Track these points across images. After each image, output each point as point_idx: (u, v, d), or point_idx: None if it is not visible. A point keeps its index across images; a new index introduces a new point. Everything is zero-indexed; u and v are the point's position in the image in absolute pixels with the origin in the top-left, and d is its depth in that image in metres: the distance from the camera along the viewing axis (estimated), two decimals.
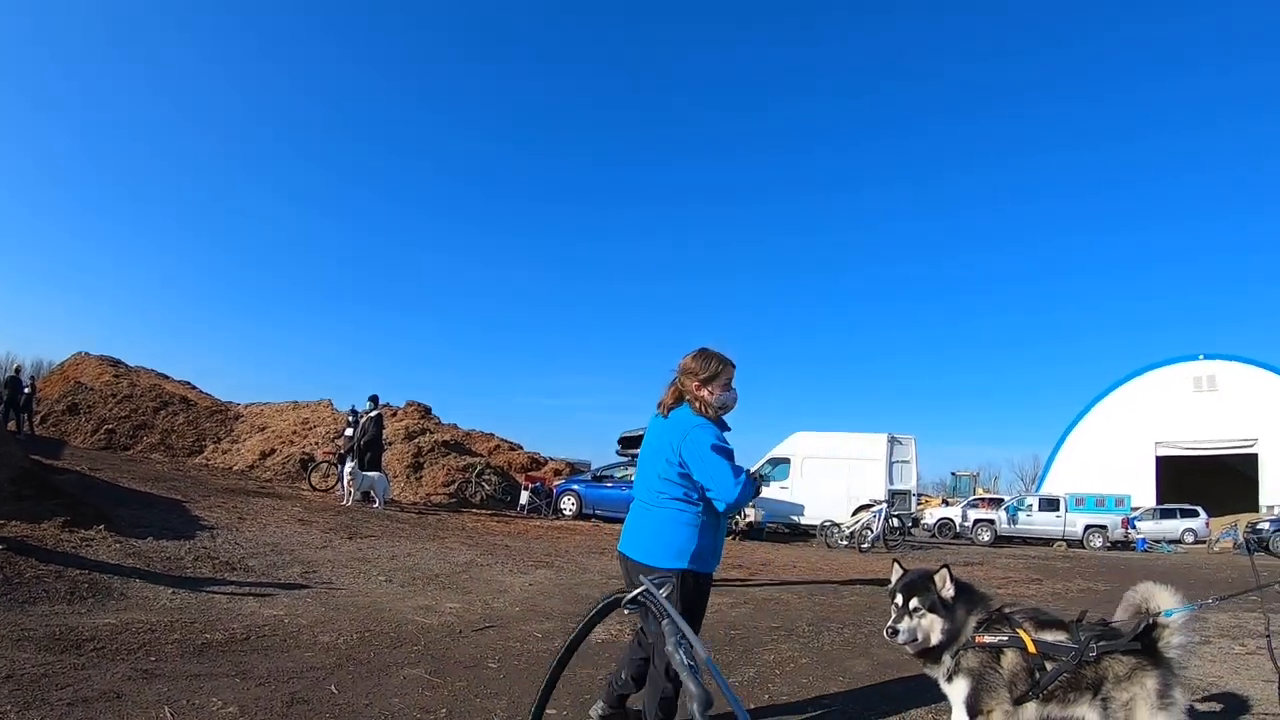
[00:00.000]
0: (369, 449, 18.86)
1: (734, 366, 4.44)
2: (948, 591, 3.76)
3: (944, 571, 3.81)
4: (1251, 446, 46.37)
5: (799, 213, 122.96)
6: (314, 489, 20.11)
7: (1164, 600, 3.69)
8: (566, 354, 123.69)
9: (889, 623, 3.77)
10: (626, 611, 2.75)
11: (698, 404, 4.32)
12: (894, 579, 3.97)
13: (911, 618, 3.74)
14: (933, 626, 3.73)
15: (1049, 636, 3.68)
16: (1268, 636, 4.29)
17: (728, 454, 4.18)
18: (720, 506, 4.19)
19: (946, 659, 3.74)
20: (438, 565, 10.70)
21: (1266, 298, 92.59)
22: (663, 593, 2.14)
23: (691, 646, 1.92)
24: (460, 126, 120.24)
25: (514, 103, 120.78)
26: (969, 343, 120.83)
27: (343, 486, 18.29)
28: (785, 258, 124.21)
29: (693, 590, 4.23)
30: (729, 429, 4.47)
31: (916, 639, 3.73)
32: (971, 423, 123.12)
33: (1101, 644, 3.56)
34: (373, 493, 18.21)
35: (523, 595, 9.13)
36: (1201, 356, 49.58)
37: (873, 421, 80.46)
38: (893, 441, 27.60)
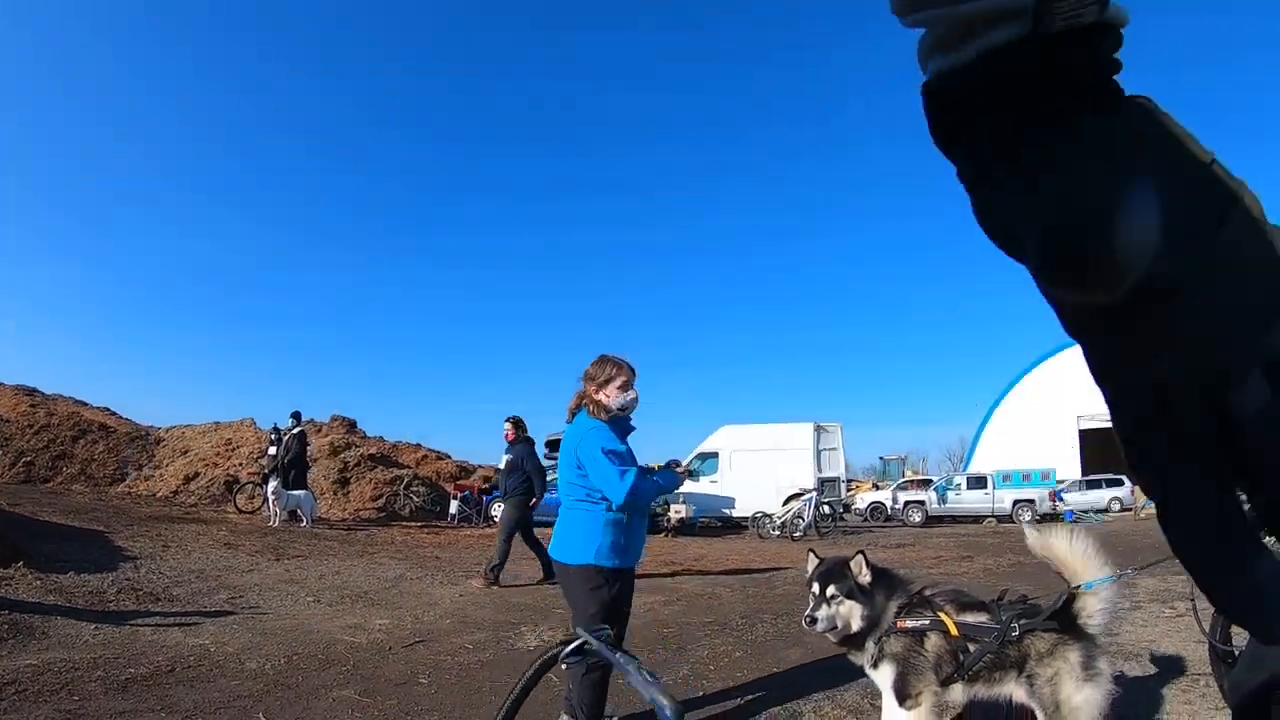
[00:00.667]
0: (293, 467, 18.51)
1: (630, 370, 4.61)
2: (865, 577, 3.77)
3: (859, 557, 3.83)
4: None
5: (715, 203, 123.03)
6: (240, 511, 19.74)
7: (1083, 571, 3.66)
8: (491, 359, 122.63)
9: (807, 611, 3.78)
10: (564, 667, 3.00)
11: (593, 407, 4.55)
12: (810, 568, 3.99)
13: (829, 605, 3.75)
14: (852, 613, 3.74)
15: (971, 618, 3.71)
16: (1193, 600, 4.39)
17: (618, 455, 4.35)
18: (614, 505, 4.36)
19: (870, 646, 3.75)
20: (366, 582, 10.64)
21: None
22: (600, 639, 2.13)
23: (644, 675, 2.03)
24: (379, 125, 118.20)
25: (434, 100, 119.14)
26: (890, 329, 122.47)
27: (269, 507, 18.02)
28: (708, 255, 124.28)
29: (605, 585, 4.38)
30: (633, 429, 4.72)
31: (836, 626, 3.75)
32: (898, 407, 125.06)
33: (1023, 622, 3.58)
34: (299, 511, 17.95)
35: (453, 607, 9.12)
36: None
37: (799, 411, 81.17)
38: (819, 430, 28.00)
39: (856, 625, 3.74)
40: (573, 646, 2.23)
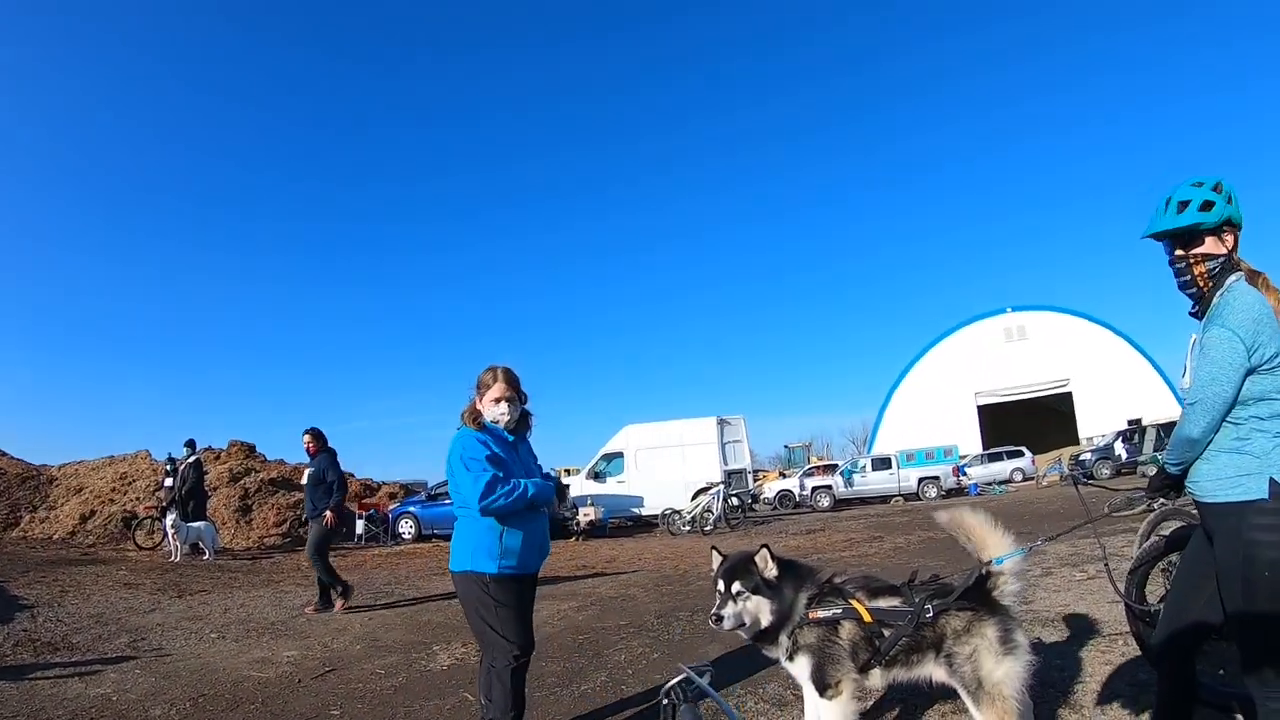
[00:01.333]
0: (191, 497, 17.97)
1: (507, 383, 4.60)
2: (770, 572, 3.75)
3: (764, 552, 3.80)
4: (1065, 386, 50.46)
5: (603, 207, 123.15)
6: (140, 548, 19.09)
7: (991, 546, 3.73)
8: (389, 371, 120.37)
9: (712, 610, 3.77)
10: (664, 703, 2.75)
11: (467, 415, 4.59)
12: (715, 565, 3.97)
13: (735, 602, 3.72)
14: (760, 609, 3.72)
15: (883, 603, 3.73)
16: (1105, 562, 4.37)
17: (476, 461, 4.30)
18: (475, 512, 4.30)
19: (784, 639, 3.73)
20: (273, 613, 10.45)
21: (1065, 248, 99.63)
22: (705, 679, 2.23)
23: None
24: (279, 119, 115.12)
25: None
26: (787, 317, 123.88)
27: (169, 541, 17.56)
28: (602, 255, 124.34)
29: (488, 590, 4.34)
30: (510, 438, 4.66)
31: (744, 623, 3.73)
32: (799, 395, 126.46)
33: (936, 602, 3.61)
34: (200, 544, 17.50)
35: (364, 632, 9.03)
36: (1009, 309, 53.25)
37: (701, 406, 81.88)
38: (722, 423, 28.42)
39: (766, 620, 3.73)
40: (674, 682, 2.42)
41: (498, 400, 4.55)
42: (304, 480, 11.32)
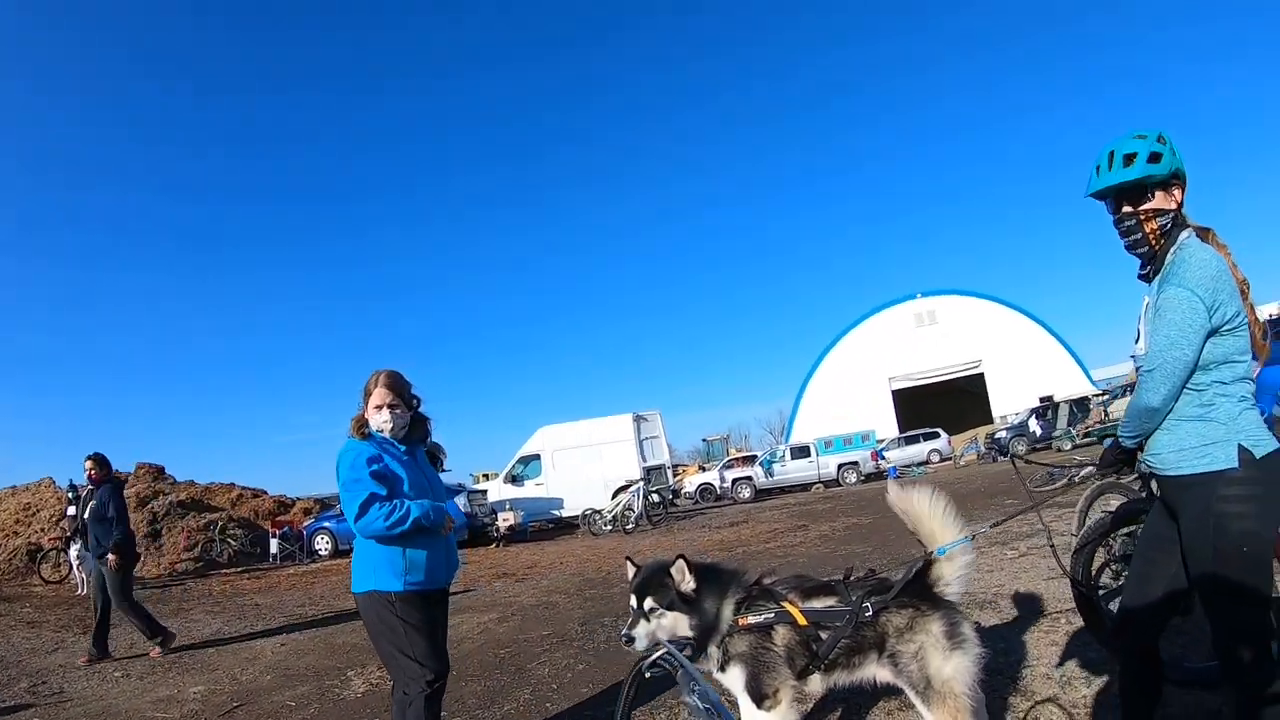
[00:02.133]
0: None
1: (389, 388, 4.31)
2: (688, 584, 3.49)
3: (680, 563, 3.52)
4: (977, 368, 51.83)
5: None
6: (46, 582, 18.53)
7: (938, 535, 3.53)
8: (306, 383, 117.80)
9: (623, 629, 3.49)
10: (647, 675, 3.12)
11: (353, 425, 4.28)
12: (630, 577, 3.69)
13: (649, 620, 3.46)
14: (677, 625, 3.46)
15: (818, 603, 3.51)
16: (1050, 544, 4.52)
17: (357, 482, 4.03)
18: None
19: (713, 650, 3.49)
20: (181, 643, 10.15)
21: (971, 233, 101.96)
22: (684, 654, 2.46)
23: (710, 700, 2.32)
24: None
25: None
26: (698, 311, 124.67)
27: (75, 574, 17.03)
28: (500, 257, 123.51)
29: (393, 610, 4.06)
30: (403, 448, 4.37)
31: (660, 641, 3.41)
32: (714, 388, 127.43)
33: (874, 600, 3.41)
34: None
35: (275, 659, 8.82)
36: (919, 295, 54.45)
37: (617, 404, 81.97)
38: (639, 420, 28.59)
39: (685, 636, 3.49)
40: (654, 658, 2.74)
41: (379, 407, 4.27)
42: (85, 514, 10.10)
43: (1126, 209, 3.01)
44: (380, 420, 4.26)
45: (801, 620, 3.43)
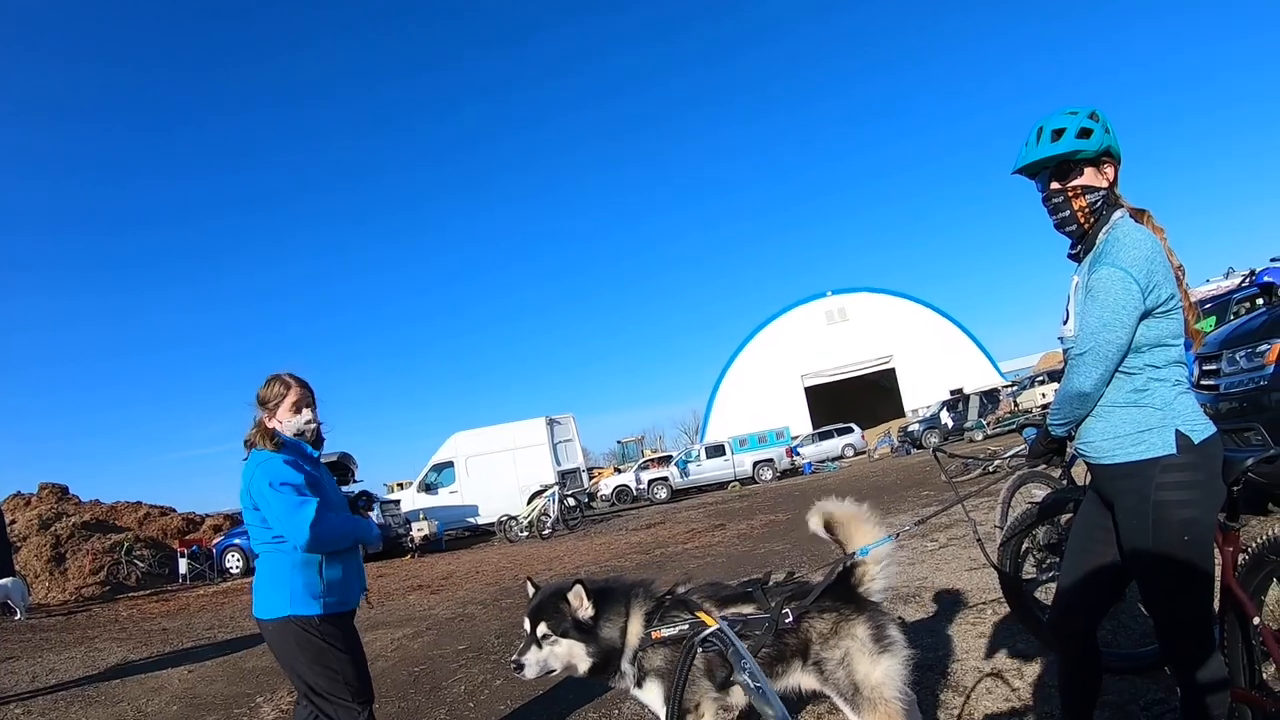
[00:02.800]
0: None
1: (302, 387, 4.08)
2: (585, 611, 3.36)
3: (578, 588, 3.37)
4: (888, 363, 53.60)
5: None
6: None
7: (854, 535, 3.47)
8: (212, 394, 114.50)
9: (514, 656, 3.39)
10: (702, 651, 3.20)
11: (260, 437, 3.93)
12: (530, 599, 3.56)
13: (541, 647, 3.34)
14: (572, 653, 3.35)
15: (734, 611, 3.39)
16: (977, 537, 4.44)
17: (292, 486, 3.75)
18: (298, 546, 3.72)
19: (627, 667, 3.38)
20: (84, 674, 9.88)
21: (880, 231, 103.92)
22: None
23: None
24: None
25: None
26: (609, 312, 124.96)
27: None
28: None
29: (314, 635, 3.79)
30: (315, 454, 4.14)
31: (553, 669, 3.36)
32: (627, 390, 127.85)
33: (794, 605, 3.30)
34: (9, 602, 16.29)
35: (181, 688, 8.62)
36: (830, 293, 55.98)
37: (530, 408, 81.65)
38: (552, 423, 28.61)
39: (583, 666, 3.37)
40: (706, 634, 2.87)
41: (299, 407, 4.04)
42: None
43: (1054, 185, 2.93)
44: (302, 421, 4.04)
45: None
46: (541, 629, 3.36)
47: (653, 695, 3.35)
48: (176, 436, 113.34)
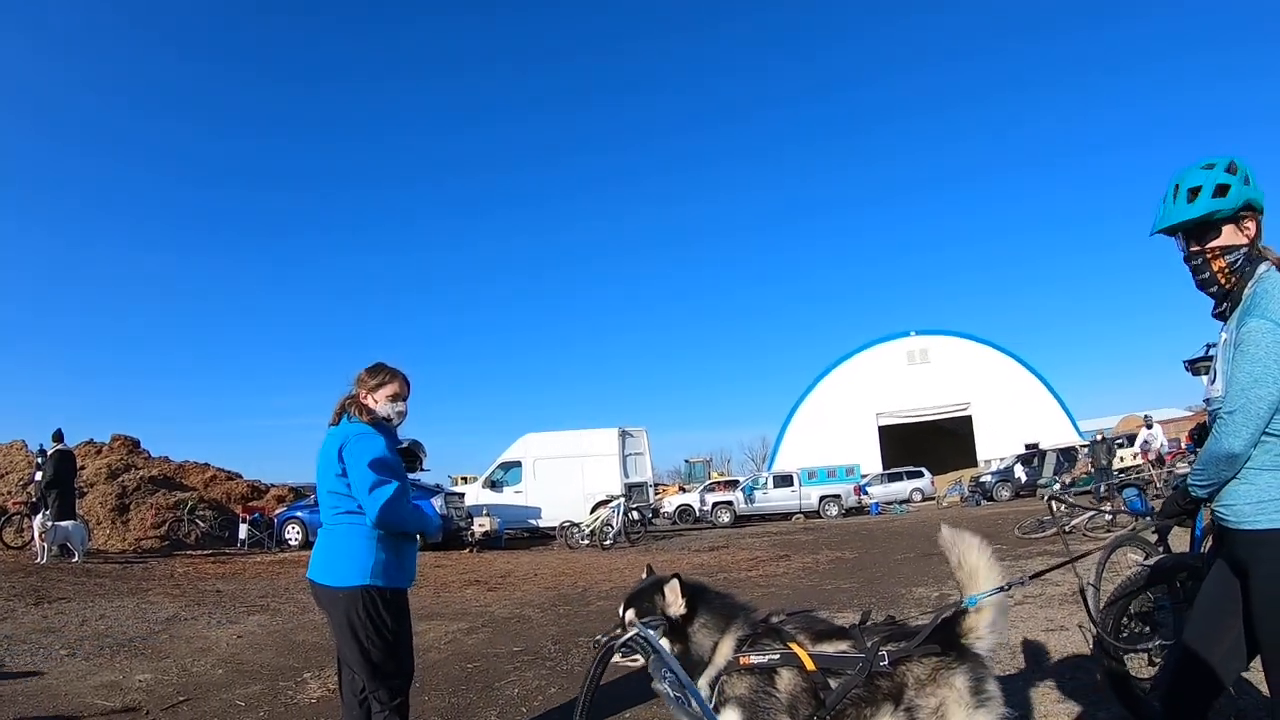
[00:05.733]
0: (54, 492, 16.61)
1: (405, 383, 4.34)
2: (677, 609, 3.16)
3: (674, 582, 3.20)
4: (965, 410, 52.36)
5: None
6: (8, 547, 17.99)
7: (978, 579, 3.25)
8: (280, 369, 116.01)
9: (600, 635, 3.20)
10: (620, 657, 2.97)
11: (357, 410, 4.20)
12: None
13: (626, 632, 3.12)
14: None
15: (829, 647, 3.18)
16: (1082, 593, 4.50)
17: (386, 466, 3.98)
18: (369, 521, 3.92)
19: (704, 686, 3.10)
20: (134, 626, 9.66)
21: (969, 275, 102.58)
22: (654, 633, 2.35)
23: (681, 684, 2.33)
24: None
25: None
26: (692, 332, 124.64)
27: (37, 542, 16.49)
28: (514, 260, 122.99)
29: (382, 609, 3.95)
30: (397, 440, 4.36)
31: (633, 622, 3.15)
32: (699, 410, 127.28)
33: (890, 648, 3.10)
34: (69, 544, 16.30)
35: (229, 652, 8.41)
36: (913, 333, 55.13)
37: (602, 417, 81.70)
38: (624, 435, 28.36)
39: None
40: (626, 638, 2.56)
41: (395, 397, 4.28)
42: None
43: (1194, 247, 2.82)
44: (394, 410, 4.28)
45: (810, 665, 3.07)
46: (629, 615, 3.20)
47: None
48: (252, 404, 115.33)
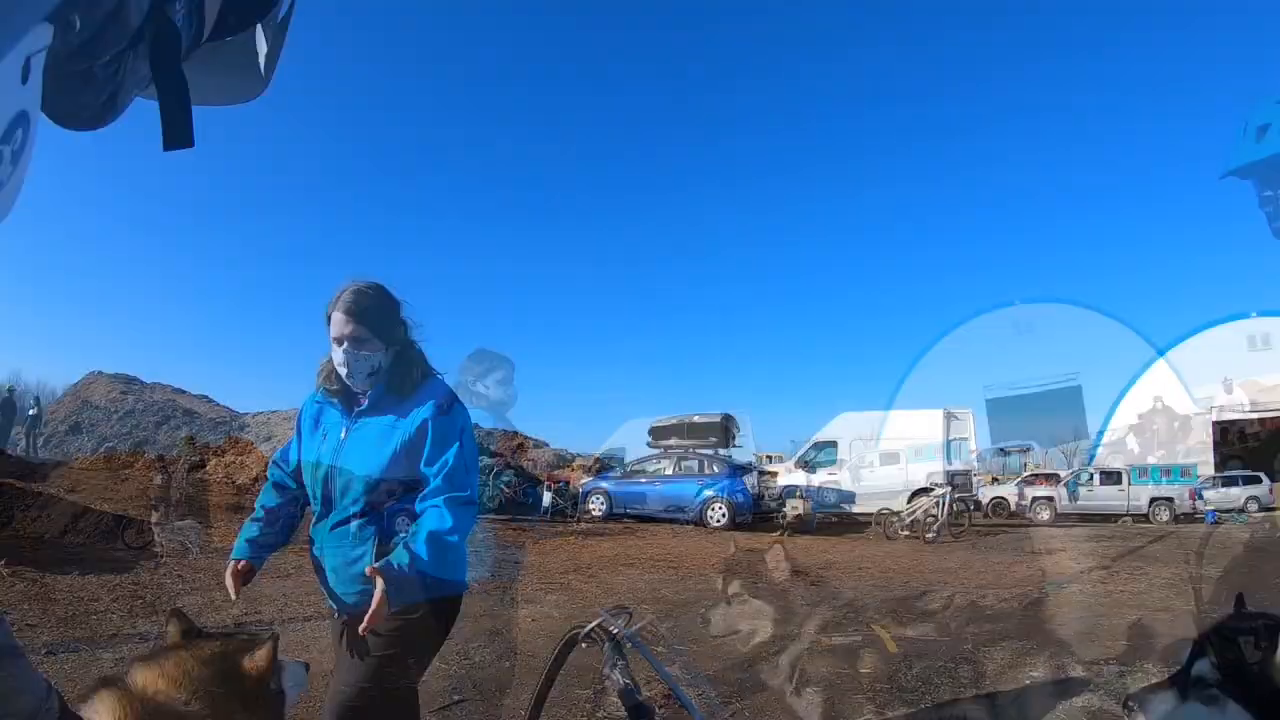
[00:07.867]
0: None
1: (508, 364, 3.95)
2: None
3: None
4: None
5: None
6: None
7: None
8: (600, 344, 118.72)
9: None
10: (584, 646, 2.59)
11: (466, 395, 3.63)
12: None
13: None
14: None
15: None
16: None
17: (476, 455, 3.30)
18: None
19: None
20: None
21: None
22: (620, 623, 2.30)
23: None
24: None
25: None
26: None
27: None
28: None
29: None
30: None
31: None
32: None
33: None
34: None
35: (520, 638, 7.53)
36: (1254, 314, 47.89)
37: (923, 398, 78.37)
38: (949, 417, 26.27)
39: None
40: (590, 627, 2.50)
41: (504, 382, 4.10)
42: None
43: (1266, 192, 2.56)
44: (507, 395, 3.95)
45: None
46: None
47: None
48: (560, 377, 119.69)
